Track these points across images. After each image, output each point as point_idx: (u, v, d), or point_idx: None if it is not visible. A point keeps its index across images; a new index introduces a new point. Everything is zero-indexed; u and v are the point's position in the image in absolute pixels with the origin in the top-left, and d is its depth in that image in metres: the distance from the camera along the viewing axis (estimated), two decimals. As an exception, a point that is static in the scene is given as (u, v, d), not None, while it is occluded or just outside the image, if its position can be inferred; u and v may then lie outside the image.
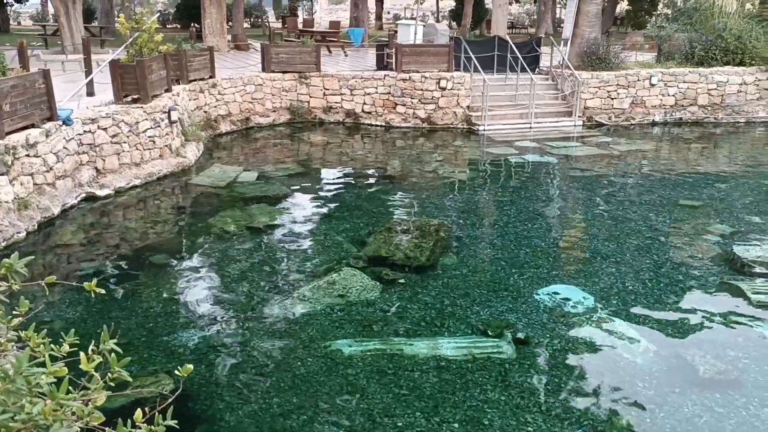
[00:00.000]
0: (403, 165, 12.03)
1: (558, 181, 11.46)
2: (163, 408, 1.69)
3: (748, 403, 4.64)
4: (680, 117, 16.47)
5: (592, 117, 15.93)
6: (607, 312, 6.01)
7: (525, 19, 43.28)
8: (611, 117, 16.05)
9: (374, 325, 5.79)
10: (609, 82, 16.09)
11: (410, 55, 15.11)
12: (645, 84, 16.27)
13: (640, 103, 16.37)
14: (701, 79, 16.47)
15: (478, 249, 7.76)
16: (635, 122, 16.12)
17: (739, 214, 9.02)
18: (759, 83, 16.68)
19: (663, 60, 17.73)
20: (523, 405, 4.66)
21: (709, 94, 16.59)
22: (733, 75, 16.54)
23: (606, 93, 16.12)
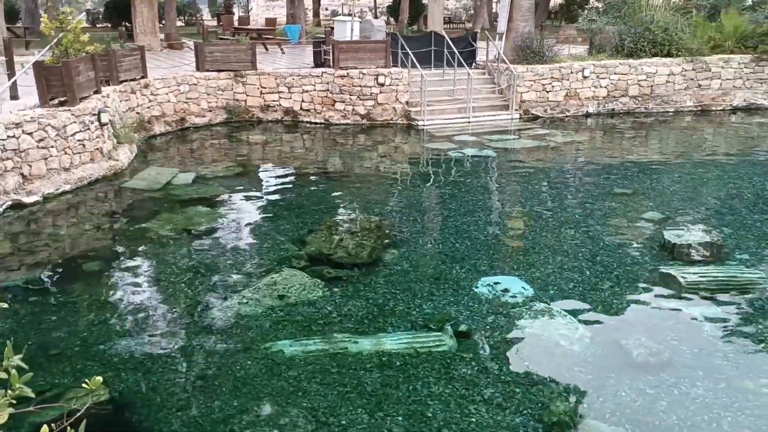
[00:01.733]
0: (343, 162, 11.99)
1: (497, 174, 11.62)
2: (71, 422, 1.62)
3: (678, 383, 4.80)
4: (613, 108, 16.92)
5: (529, 110, 16.22)
6: (546, 301, 6.12)
7: (462, 14, 43.74)
8: (547, 109, 16.37)
9: (316, 324, 5.75)
10: (543, 75, 16.40)
11: (348, 52, 15.06)
12: (578, 76, 16.64)
13: (574, 95, 16.75)
14: (631, 70, 16.96)
15: (419, 244, 7.79)
16: (570, 114, 16.48)
17: (670, 201, 9.33)
18: (686, 74, 17.28)
19: (595, 52, 18.18)
20: (466, 396, 4.70)
21: (639, 85, 17.09)
22: (661, 66, 17.09)
23: (541, 86, 16.44)
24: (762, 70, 17.53)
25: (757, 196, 9.53)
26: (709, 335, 5.50)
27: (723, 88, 17.47)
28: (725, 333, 5.54)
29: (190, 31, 29.42)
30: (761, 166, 11.59)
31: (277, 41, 22.13)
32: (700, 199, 9.54)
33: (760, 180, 10.51)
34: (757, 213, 8.72)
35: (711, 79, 17.40)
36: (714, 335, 5.50)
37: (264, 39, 21.87)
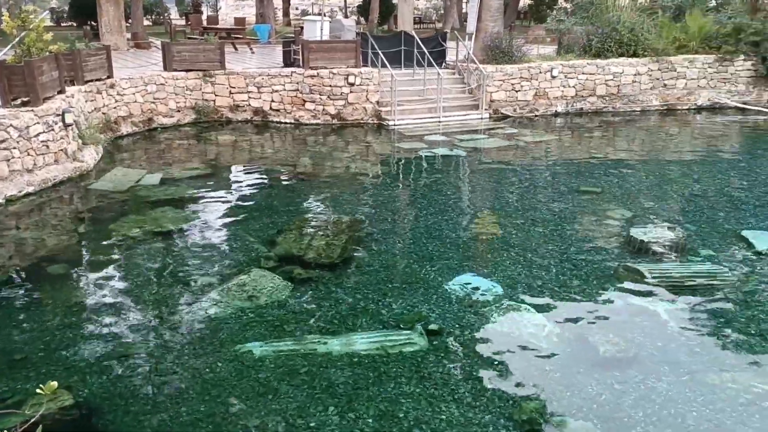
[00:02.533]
0: (314, 162, 11.95)
1: (467, 174, 11.67)
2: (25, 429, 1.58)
3: (645, 378, 4.87)
4: (581, 107, 17.12)
5: (498, 109, 16.33)
6: (515, 299, 6.17)
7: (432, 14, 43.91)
8: (516, 109, 16.50)
9: (286, 325, 5.71)
10: (513, 75, 16.53)
11: (317, 52, 15.00)
12: (547, 76, 16.81)
13: (542, 94, 16.91)
14: (599, 70, 17.18)
15: (389, 243, 7.79)
16: (539, 113, 16.63)
17: (636, 199, 9.46)
18: (651, 73, 17.55)
19: (563, 52, 18.36)
20: (437, 395, 4.71)
21: (607, 85, 17.32)
22: (628, 66, 17.34)
23: (510, 86, 16.56)
24: (725, 70, 17.88)
25: (720, 194, 9.72)
26: (674, 331, 5.59)
27: (688, 87, 17.79)
28: (690, 328, 5.63)
29: (157, 31, 29.08)
30: (724, 165, 11.83)
31: (247, 41, 21.97)
32: (666, 197, 9.69)
33: (724, 178, 10.72)
34: (720, 210, 8.89)
35: (676, 79, 17.70)
36: (679, 331, 5.59)
37: (233, 38, 21.71)
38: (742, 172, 11.18)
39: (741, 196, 9.61)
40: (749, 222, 8.34)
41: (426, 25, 38.57)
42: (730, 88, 17.94)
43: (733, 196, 9.63)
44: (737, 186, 10.20)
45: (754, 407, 4.51)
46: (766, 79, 17.82)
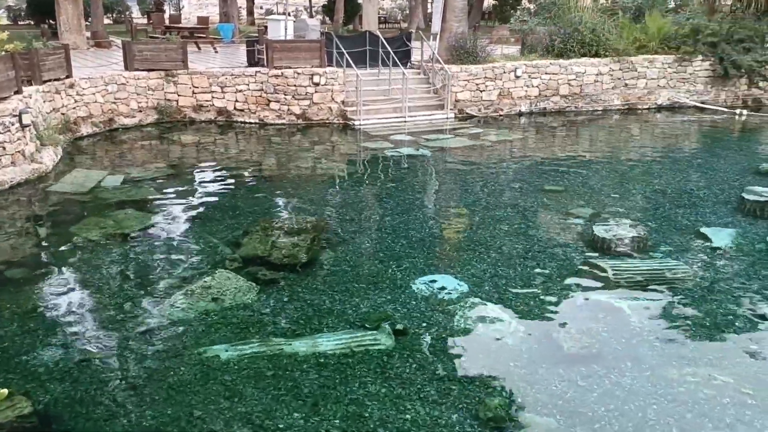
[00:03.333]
0: (279, 162, 11.87)
1: (433, 173, 11.72)
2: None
3: (608, 373, 4.94)
4: (544, 107, 17.31)
5: (463, 109, 16.41)
6: (480, 297, 6.20)
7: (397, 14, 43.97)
8: (481, 109, 16.61)
9: (251, 327, 5.66)
10: (477, 75, 16.64)
11: (282, 51, 14.91)
12: (511, 76, 16.95)
13: (507, 94, 17.04)
14: (561, 70, 17.38)
15: (355, 243, 7.78)
16: (503, 113, 16.76)
17: (599, 197, 9.61)
18: (613, 73, 17.82)
19: (526, 53, 18.54)
20: (403, 394, 4.71)
21: (570, 85, 17.54)
22: (590, 66, 17.58)
23: (475, 86, 16.67)
24: (684, 70, 18.25)
25: (680, 192, 9.92)
26: (636, 326, 5.68)
27: (648, 87, 18.11)
28: (651, 323, 5.73)
29: (118, 30, 28.57)
30: (684, 163, 12.07)
31: (210, 40, 21.72)
32: (627, 194, 9.85)
33: (683, 176, 10.95)
34: (680, 207, 9.07)
35: (637, 79, 18.01)
36: (641, 326, 5.68)
37: (196, 38, 21.44)
38: (700, 170, 11.43)
39: (700, 193, 9.82)
40: (708, 219, 8.52)
41: (391, 25, 38.62)
42: (689, 88, 18.31)
43: (692, 193, 9.83)
44: (696, 184, 10.43)
45: (713, 400, 4.61)
46: (723, 80, 18.23)
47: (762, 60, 17.95)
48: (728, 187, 10.04)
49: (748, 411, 4.49)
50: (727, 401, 4.60)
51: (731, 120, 16.55)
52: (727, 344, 5.40)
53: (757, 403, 4.58)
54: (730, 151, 13.17)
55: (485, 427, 4.34)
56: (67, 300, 6.17)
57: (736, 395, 4.65)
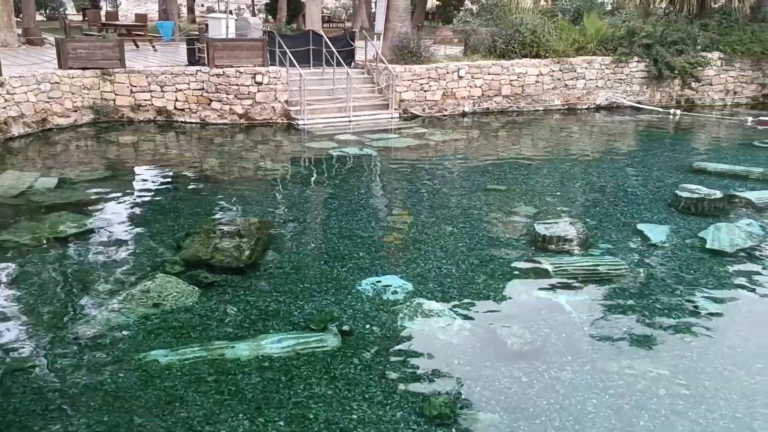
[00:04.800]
0: (221, 163, 11.67)
1: (378, 173, 11.73)
2: None
3: (549, 368, 5.03)
4: (487, 107, 17.54)
5: (408, 109, 16.49)
6: (425, 296, 6.23)
7: (341, 14, 43.89)
8: (425, 109, 16.72)
9: (193, 331, 5.55)
10: (421, 75, 16.73)
11: (223, 50, 14.67)
12: (454, 76, 17.10)
13: (450, 94, 17.20)
14: (504, 71, 17.63)
15: (300, 244, 7.72)
16: (447, 113, 16.92)
17: (540, 196, 9.79)
18: (553, 74, 18.18)
19: (469, 53, 18.75)
20: (349, 395, 4.69)
21: (512, 85, 17.81)
22: (531, 67, 17.89)
23: (419, 86, 16.75)
24: (621, 71, 18.75)
25: (618, 189, 10.20)
26: (576, 322, 5.81)
27: (587, 87, 18.56)
28: (591, 319, 5.87)
29: (52, 27, 27.58)
30: (621, 161, 12.42)
31: (149, 38, 21.22)
32: (568, 193, 10.07)
33: (621, 174, 11.26)
34: (618, 205, 9.32)
35: (576, 80, 18.42)
36: (581, 321, 5.81)
37: (134, 36, 20.92)
38: (637, 168, 11.78)
39: (636, 191, 10.12)
40: (644, 216, 8.78)
41: (335, 24, 38.50)
42: (625, 89, 18.84)
43: (629, 191, 10.12)
44: (633, 181, 10.74)
45: (649, 392, 4.74)
46: (658, 80, 18.83)
47: (694, 62, 18.63)
48: (663, 184, 10.37)
49: (682, 401, 4.64)
50: (662, 392, 4.74)
51: (666, 119, 17.13)
52: (662, 337, 5.56)
53: (691, 393, 4.74)
54: (665, 149, 13.62)
55: (430, 424, 4.36)
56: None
57: (671, 386, 4.80)
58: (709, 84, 19.30)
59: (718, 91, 19.46)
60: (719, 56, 19.12)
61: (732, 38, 19.12)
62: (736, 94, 19.67)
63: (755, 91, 19.82)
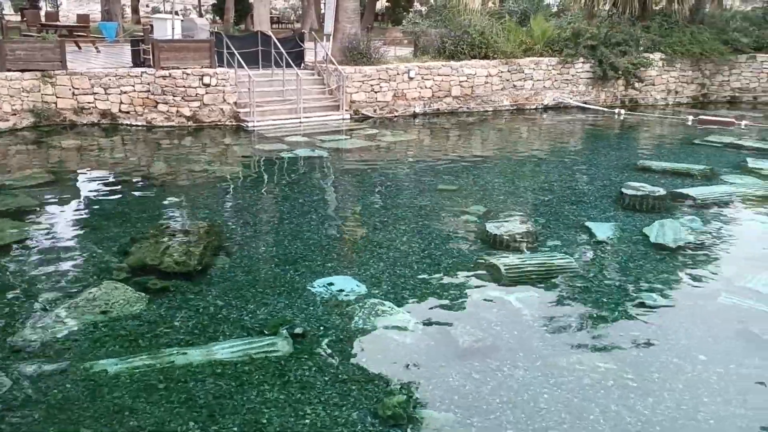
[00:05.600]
0: (169, 166, 11.44)
1: (330, 175, 11.68)
2: None
3: (502, 366, 5.09)
4: (438, 108, 17.66)
5: (359, 110, 16.49)
6: (379, 297, 6.23)
7: (290, 14, 43.61)
8: (376, 110, 16.75)
9: (141, 339, 5.42)
10: (371, 76, 16.74)
11: (169, 51, 14.40)
12: (404, 77, 17.16)
13: (401, 95, 17.26)
14: (453, 72, 17.78)
15: (251, 248, 7.62)
16: (398, 114, 16.98)
17: (491, 195, 9.91)
18: (502, 75, 18.41)
19: (419, 54, 18.84)
20: (303, 399, 4.65)
21: (461, 86, 17.97)
22: (480, 68, 18.09)
23: (370, 87, 16.77)
24: (567, 72, 19.12)
25: (566, 188, 10.39)
26: (527, 318, 5.89)
27: (535, 88, 18.86)
28: (541, 315, 5.96)
29: (-11, 27, 26.65)
30: (569, 161, 12.67)
31: (91, 39, 20.67)
32: (518, 192, 10.22)
33: (569, 173, 11.48)
34: (566, 203, 9.49)
35: (524, 80, 18.71)
36: (532, 318, 5.90)
37: (76, 37, 20.34)
38: (584, 167, 12.03)
39: (583, 189, 10.34)
40: (591, 213, 8.97)
41: (284, 25, 38.23)
42: (572, 89, 19.23)
43: (577, 189, 10.33)
44: (580, 180, 10.97)
45: (597, 386, 4.84)
46: (603, 81, 19.27)
47: (637, 62, 19.15)
48: (609, 182, 10.62)
49: (631, 394, 4.75)
50: (611, 384, 4.85)
51: (611, 119, 17.55)
52: (610, 332, 5.69)
53: (638, 385, 4.85)
54: (610, 148, 13.96)
55: (385, 425, 4.35)
56: (-67, 320, 5.67)
57: (619, 380, 4.91)
58: (652, 84, 19.86)
59: (660, 91, 20.03)
60: (661, 57, 19.70)
61: (672, 40, 19.72)
62: (678, 93, 20.29)
63: (695, 90, 20.49)
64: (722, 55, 19.94)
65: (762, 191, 10.04)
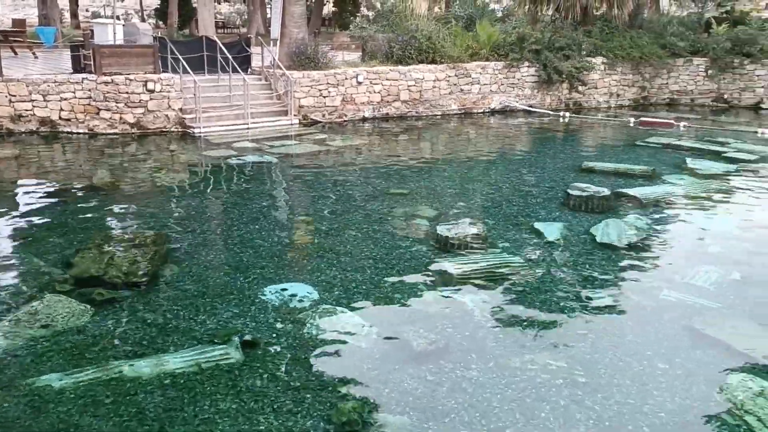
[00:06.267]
0: (113, 174, 11.16)
1: (279, 180, 11.59)
2: None
3: (455, 368, 5.12)
4: (387, 112, 17.72)
5: (308, 115, 16.42)
6: (332, 303, 6.19)
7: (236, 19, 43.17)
8: (325, 114, 16.70)
9: (87, 352, 5.26)
10: (320, 81, 16.69)
11: (111, 57, 14.06)
12: (353, 82, 17.18)
13: (350, 100, 17.26)
14: (401, 76, 17.88)
15: (201, 256, 7.48)
16: (347, 119, 16.97)
17: (441, 198, 9.98)
18: (449, 79, 18.60)
19: (367, 59, 18.89)
20: (256, 408, 4.58)
21: (410, 90, 18.09)
22: (428, 72, 18.24)
23: (318, 92, 16.71)
24: (513, 76, 19.45)
25: (514, 190, 10.56)
26: (480, 319, 5.94)
27: (482, 92, 19.12)
28: (493, 316, 6.02)
29: None
30: (517, 163, 12.89)
31: (28, 44, 20.04)
32: (467, 194, 10.32)
33: (517, 175, 11.67)
34: (515, 205, 9.64)
35: (471, 84, 18.94)
36: (484, 319, 5.95)
37: (12, 42, 19.68)
38: (531, 168, 12.25)
39: (531, 190, 10.51)
40: (539, 214, 9.12)
41: (230, 29, 37.82)
42: (518, 93, 19.56)
43: (525, 191, 10.50)
44: (528, 182, 11.15)
45: (549, 384, 4.92)
46: (547, 84, 19.67)
47: (580, 66, 19.62)
48: (556, 184, 10.83)
49: (580, 391, 4.83)
50: (561, 382, 4.93)
51: (556, 122, 17.93)
52: (561, 330, 5.79)
53: (588, 382, 4.95)
54: (556, 150, 14.25)
55: (340, 431, 4.33)
56: None
57: (570, 377, 5.00)
58: (595, 87, 20.38)
59: (602, 93, 20.58)
60: (602, 61, 20.24)
61: (613, 44, 20.29)
62: (619, 96, 20.87)
63: (636, 93, 21.12)
64: (660, 58, 20.64)
65: (701, 190, 10.39)
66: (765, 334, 5.80)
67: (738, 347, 5.48)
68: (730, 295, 6.56)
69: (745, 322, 6.02)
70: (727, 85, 21.17)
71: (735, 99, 21.15)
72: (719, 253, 7.79)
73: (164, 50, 14.90)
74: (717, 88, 21.28)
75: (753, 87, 20.88)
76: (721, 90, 21.26)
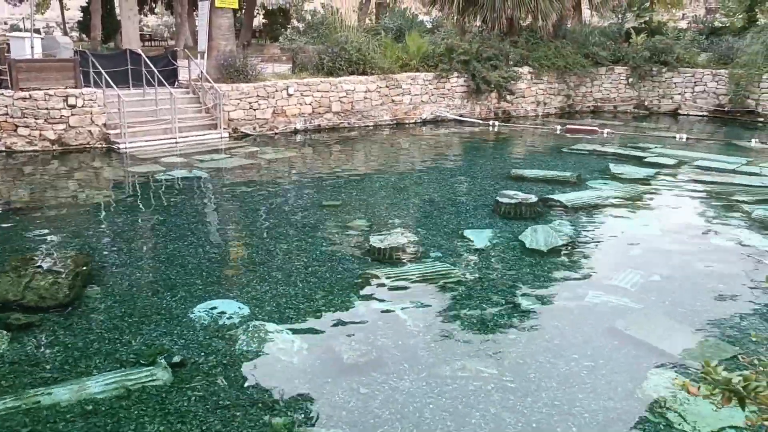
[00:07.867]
0: (32, 193, 10.71)
1: (209, 195, 11.37)
2: None
3: (388, 379, 5.11)
4: (319, 124, 17.66)
5: (238, 128, 16.19)
6: (263, 318, 6.10)
7: (164, 32, 42.31)
8: (256, 127, 16.51)
9: (3, 380, 5.01)
10: (249, 94, 16.50)
11: (29, 71, 13.52)
12: (283, 94, 17.05)
13: (281, 112, 17.11)
14: (332, 87, 17.86)
15: (125, 276, 7.25)
16: (279, 131, 16.82)
17: (374, 209, 10.00)
18: (380, 90, 18.70)
19: (298, 71, 18.78)
20: (184, 430, 4.47)
21: (341, 102, 18.09)
22: (359, 83, 18.28)
23: (248, 104, 16.51)
24: (443, 86, 19.71)
25: (445, 199, 10.67)
26: (412, 329, 5.96)
27: (413, 102, 19.29)
28: (425, 325, 6.05)
29: None
30: (448, 172, 13.04)
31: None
32: (400, 204, 10.37)
33: (448, 184, 11.81)
34: (445, 214, 9.74)
35: (403, 95, 19.09)
36: (416, 329, 5.97)
37: None
38: (462, 177, 12.42)
39: (462, 199, 10.66)
40: (470, 222, 9.25)
41: (157, 42, 37.02)
42: (448, 103, 19.83)
43: (455, 200, 10.64)
44: (458, 190, 11.31)
45: (479, 390, 4.97)
46: (477, 94, 20.01)
47: (507, 76, 20.05)
48: (486, 192, 11.02)
49: (510, 396, 4.91)
50: (491, 387, 4.99)
51: (486, 131, 18.26)
52: (491, 337, 5.86)
53: (517, 386, 5.03)
54: (486, 159, 14.49)
55: (271, 450, 4.26)
56: None
57: (500, 383, 5.07)
58: (522, 96, 20.88)
59: (530, 102, 21.10)
60: (529, 70, 20.76)
61: (539, 54, 20.84)
62: (546, 104, 21.45)
63: (562, 101, 21.74)
64: (584, 67, 21.34)
65: (624, 194, 10.75)
66: (683, 333, 6.02)
67: (658, 346, 5.68)
68: (652, 296, 6.80)
69: (666, 321, 6.24)
70: (647, 93, 22.08)
71: (655, 106, 22.06)
72: (641, 255, 8.07)
73: (86, 64, 14.43)
74: (638, 95, 22.16)
75: (671, 94, 21.83)
76: (642, 97, 22.15)
